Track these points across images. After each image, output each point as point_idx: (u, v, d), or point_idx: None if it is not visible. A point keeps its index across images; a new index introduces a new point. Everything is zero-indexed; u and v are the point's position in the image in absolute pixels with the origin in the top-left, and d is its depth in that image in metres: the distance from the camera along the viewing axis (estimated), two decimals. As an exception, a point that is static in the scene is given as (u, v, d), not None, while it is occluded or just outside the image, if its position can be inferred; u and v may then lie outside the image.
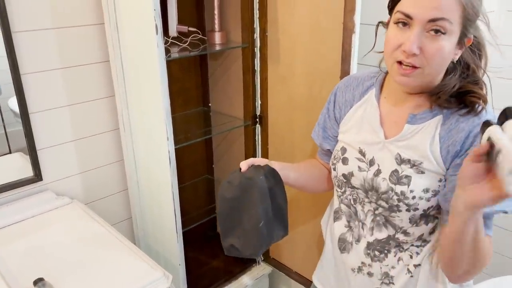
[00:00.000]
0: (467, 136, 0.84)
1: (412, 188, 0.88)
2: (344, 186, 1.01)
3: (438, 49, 0.79)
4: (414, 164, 0.89)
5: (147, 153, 1.49)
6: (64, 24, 1.38)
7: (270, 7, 1.55)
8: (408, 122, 0.89)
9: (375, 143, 0.95)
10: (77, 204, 1.46)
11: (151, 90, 1.32)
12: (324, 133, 1.10)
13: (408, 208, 0.90)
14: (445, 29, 0.78)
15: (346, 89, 1.04)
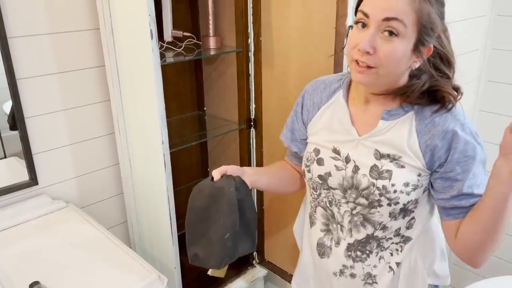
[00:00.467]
0: (445, 131, 0.87)
1: (393, 182, 0.90)
2: (320, 188, 1.02)
3: (391, 51, 0.82)
4: (394, 158, 0.91)
5: (143, 157, 1.50)
6: (59, 29, 1.39)
7: (264, 12, 1.57)
8: (382, 118, 0.92)
9: (348, 141, 0.96)
10: (72, 208, 1.46)
11: (146, 94, 1.33)
12: (292, 136, 1.12)
13: (389, 203, 0.92)
14: (398, 31, 0.81)
15: (314, 92, 1.06)
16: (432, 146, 0.89)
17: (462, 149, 0.87)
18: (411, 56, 0.85)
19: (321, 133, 1.02)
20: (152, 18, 1.21)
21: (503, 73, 1.82)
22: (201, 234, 0.99)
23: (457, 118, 0.89)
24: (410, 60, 0.85)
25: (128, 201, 1.65)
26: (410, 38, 0.82)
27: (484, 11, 1.75)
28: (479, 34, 1.79)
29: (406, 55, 0.84)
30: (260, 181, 1.06)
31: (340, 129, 0.98)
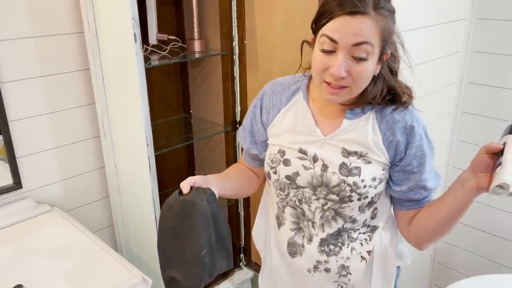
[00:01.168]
0: (404, 126, 0.94)
1: (363, 177, 0.95)
2: (288, 188, 1.02)
3: (364, 70, 0.86)
4: (361, 155, 0.95)
5: (128, 159, 1.50)
6: (43, 33, 1.39)
7: (248, 16, 1.59)
8: (346, 117, 0.96)
9: (314, 141, 0.98)
10: (57, 212, 1.46)
11: (131, 97, 1.34)
12: (252, 138, 1.11)
13: (359, 197, 0.96)
14: (368, 53, 0.84)
15: (273, 94, 1.06)
16: (395, 141, 0.94)
17: (418, 144, 0.94)
18: (377, 66, 0.90)
19: (285, 134, 1.02)
20: (136, 21, 1.22)
21: (484, 75, 1.86)
22: (175, 255, 0.92)
23: (413, 115, 0.95)
24: (375, 70, 0.90)
25: (114, 204, 1.65)
26: (376, 54, 0.86)
27: (464, 15, 1.79)
28: (460, 37, 1.83)
29: (374, 68, 0.88)
30: (225, 188, 1.04)
31: (304, 130, 1.00)
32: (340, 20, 0.83)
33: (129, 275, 1.14)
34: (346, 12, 0.82)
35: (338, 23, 0.83)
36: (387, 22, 0.85)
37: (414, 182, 0.96)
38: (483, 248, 1.98)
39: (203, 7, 1.72)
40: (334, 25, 0.84)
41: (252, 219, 1.91)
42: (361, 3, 0.82)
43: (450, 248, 2.06)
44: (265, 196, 1.19)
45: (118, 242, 1.72)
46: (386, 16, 0.85)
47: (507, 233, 1.92)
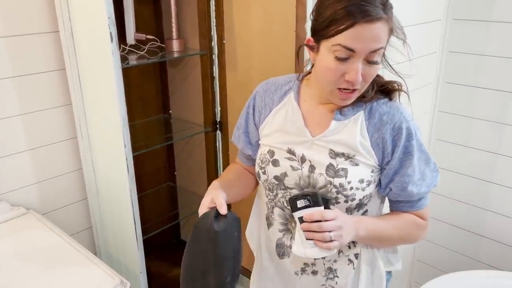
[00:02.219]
0: (392, 128, 0.92)
1: (349, 179, 0.93)
2: (276, 189, 1.02)
3: (375, 72, 0.88)
4: (349, 157, 0.94)
5: (106, 161, 1.48)
6: (16, 32, 1.36)
7: (227, 15, 1.58)
8: (334, 119, 0.95)
9: (302, 142, 0.98)
10: (33, 215, 1.43)
11: (108, 97, 1.32)
12: (246, 138, 1.11)
13: (346, 199, 0.94)
14: (380, 56, 0.86)
15: (265, 93, 1.06)
16: (382, 144, 0.93)
17: (403, 145, 0.93)
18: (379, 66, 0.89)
19: (274, 134, 1.02)
20: (112, 20, 1.20)
21: (460, 75, 1.89)
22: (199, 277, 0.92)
23: (402, 115, 0.93)
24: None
25: (92, 206, 1.63)
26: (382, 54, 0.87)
27: (440, 15, 1.82)
28: (436, 38, 1.86)
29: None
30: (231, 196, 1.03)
31: (293, 131, 0.99)
32: (358, 29, 0.80)
33: (107, 278, 1.13)
34: (364, 21, 0.80)
35: (356, 33, 0.81)
36: (394, 21, 0.86)
37: (394, 184, 0.95)
38: (461, 245, 2.02)
39: (182, 6, 1.70)
40: (352, 34, 0.81)
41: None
42: (374, 8, 0.80)
43: (429, 245, 2.09)
44: (257, 196, 1.18)
45: (96, 245, 1.70)
46: (392, 15, 0.85)
47: (484, 230, 1.95)
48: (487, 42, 1.80)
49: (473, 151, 1.95)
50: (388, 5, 0.84)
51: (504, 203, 1.90)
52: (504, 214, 1.90)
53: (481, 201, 1.95)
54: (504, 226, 1.91)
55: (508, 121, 1.81)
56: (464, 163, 1.98)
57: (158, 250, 2.09)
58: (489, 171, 1.92)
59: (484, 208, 1.94)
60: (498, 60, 1.79)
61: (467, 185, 1.98)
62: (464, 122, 1.93)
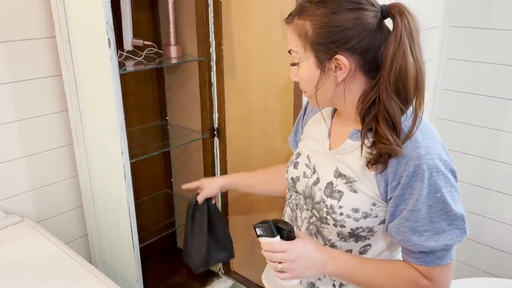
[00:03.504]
0: (398, 162, 0.81)
1: (341, 204, 0.88)
2: (291, 190, 1.04)
3: (300, 75, 0.88)
4: (349, 181, 0.88)
5: (102, 168, 1.46)
6: (12, 38, 1.34)
7: (225, 22, 1.58)
8: (350, 137, 0.90)
9: (320, 152, 0.97)
10: (28, 223, 1.41)
11: (105, 104, 1.30)
12: (294, 137, 1.16)
13: (334, 223, 0.89)
14: (297, 59, 0.87)
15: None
16: (386, 177, 0.83)
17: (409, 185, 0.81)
18: (318, 72, 0.84)
19: (306, 139, 1.04)
20: (110, 26, 1.19)
21: (458, 82, 1.90)
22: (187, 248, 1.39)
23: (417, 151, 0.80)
24: (320, 76, 0.84)
25: (88, 214, 1.60)
26: (308, 58, 0.84)
27: (437, 22, 1.82)
28: (434, 44, 1.87)
29: (312, 74, 0.85)
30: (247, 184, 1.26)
31: (318, 139, 0.99)
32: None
33: (103, 287, 1.11)
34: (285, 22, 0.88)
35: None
36: (312, 26, 0.81)
37: (394, 226, 0.84)
38: (459, 252, 2.01)
39: (180, 12, 1.69)
40: None
41: (232, 228, 1.89)
42: (291, 12, 0.87)
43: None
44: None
45: (92, 253, 1.67)
46: (310, 20, 0.81)
47: (482, 238, 1.95)
48: (485, 49, 1.80)
49: (471, 158, 1.95)
50: (304, 8, 0.83)
51: (503, 210, 1.89)
52: (503, 221, 1.90)
53: (479, 208, 1.94)
54: (503, 233, 1.90)
55: (506, 128, 1.81)
56: (462, 170, 1.98)
57: (154, 257, 2.06)
58: (487, 179, 1.92)
59: (482, 215, 1.94)
60: (495, 67, 1.79)
61: (465, 192, 1.98)
62: (462, 129, 1.93)
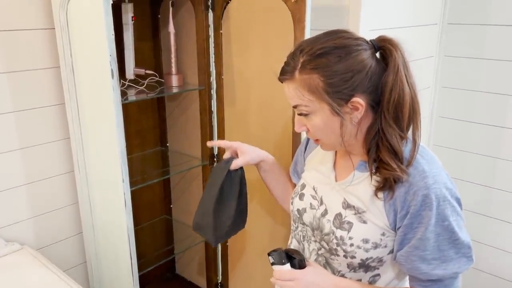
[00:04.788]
0: (406, 192, 0.83)
1: (351, 235, 0.89)
2: (297, 222, 1.04)
3: (313, 126, 0.89)
4: (358, 212, 0.89)
5: (103, 195, 1.47)
6: (18, 68, 1.37)
7: (225, 52, 1.62)
8: (357, 169, 0.92)
9: (326, 184, 0.98)
10: (27, 250, 1.41)
11: (107, 132, 1.32)
12: (294, 167, 1.17)
13: (345, 255, 0.90)
14: (307, 111, 0.87)
15: None
16: (394, 207, 0.86)
17: (417, 214, 0.83)
18: (335, 118, 0.85)
19: (311, 170, 1.05)
20: (113, 58, 1.22)
21: (456, 79, 1.91)
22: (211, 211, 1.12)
23: (425, 181, 0.83)
24: (337, 122, 0.85)
25: (87, 241, 1.60)
26: (321, 108, 0.84)
27: (436, 20, 1.86)
28: (433, 42, 1.90)
29: (329, 122, 0.85)
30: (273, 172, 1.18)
31: (323, 171, 1.00)
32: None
33: (102, 317, 1.10)
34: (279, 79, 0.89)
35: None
36: (320, 78, 0.82)
37: (403, 255, 0.86)
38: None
39: (181, 42, 1.74)
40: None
41: (230, 253, 1.88)
42: (285, 69, 0.87)
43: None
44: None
45: (90, 281, 1.66)
46: (317, 72, 0.82)
47: (481, 265, 1.94)
48: (479, 77, 1.84)
49: (468, 185, 1.96)
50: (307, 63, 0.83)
51: (500, 237, 1.90)
52: (500, 247, 1.90)
53: (476, 234, 1.95)
54: (500, 260, 1.90)
55: (502, 156, 1.83)
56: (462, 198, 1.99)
57: (153, 284, 2.05)
58: (484, 205, 1.93)
59: (480, 242, 1.94)
60: (489, 95, 1.83)
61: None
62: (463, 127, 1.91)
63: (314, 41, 0.86)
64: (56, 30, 1.37)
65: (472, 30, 1.82)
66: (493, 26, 1.77)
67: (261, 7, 1.46)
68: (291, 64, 0.86)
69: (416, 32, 1.77)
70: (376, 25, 1.54)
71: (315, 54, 0.83)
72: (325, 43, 0.84)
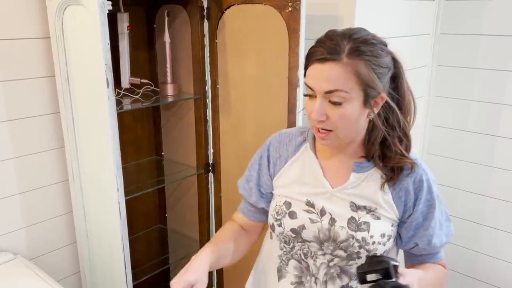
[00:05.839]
0: (414, 181, 0.93)
1: (372, 233, 0.92)
2: (293, 242, 0.99)
3: (341, 116, 0.85)
4: (370, 210, 0.93)
5: (97, 204, 1.47)
6: (13, 77, 1.37)
7: (221, 61, 1.63)
8: (354, 171, 0.94)
9: (321, 193, 0.96)
10: (20, 260, 1.40)
11: (102, 141, 1.32)
12: (259, 191, 1.07)
13: (367, 254, 0.92)
14: (343, 98, 0.83)
15: (280, 145, 1.04)
16: (405, 197, 0.93)
17: (425, 199, 0.93)
18: (364, 110, 0.87)
19: (291, 186, 1.00)
20: (109, 67, 1.23)
21: (449, 89, 1.93)
22: None
23: (422, 168, 0.93)
24: (364, 114, 0.87)
25: (81, 250, 1.59)
26: (357, 97, 0.84)
27: (429, 30, 1.89)
28: (426, 51, 1.92)
29: (357, 112, 0.86)
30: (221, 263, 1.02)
31: (312, 182, 0.97)
32: (313, 67, 0.85)
33: (96, 328, 1.09)
34: (317, 60, 0.84)
35: (312, 70, 0.85)
36: (363, 64, 0.83)
37: (419, 238, 0.95)
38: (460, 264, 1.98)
39: (176, 51, 1.75)
40: (309, 72, 0.86)
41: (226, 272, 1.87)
42: (332, 50, 0.82)
43: None
44: (266, 248, 1.12)
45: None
46: (366, 60, 0.83)
47: (476, 273, 1.95)
48: (472, 86, 1.86)
49: (462, 193, 1.97)
50: (357, 49, 0.83)
51: (495, 245, 1.90)
52: (495, 256, 1.91)
53: (471, 243, 1.95)
54: (495, 268, 1.91)
55: (495, 164, 1.85)
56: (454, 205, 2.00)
57: (147, 294, 2.03)
58: (479, 214, 1.94)
59: (475, 250, 1.95)
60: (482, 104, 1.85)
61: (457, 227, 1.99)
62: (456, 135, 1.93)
63: (356, 30, 0.86)
64: (51, 39, 1.37)
65: (464, 40, 1.85)
66: (485, 36, 1.79)
67: (256, 17, 1.48)
68: (340, 45, 0.83)
69: (410, 42, 1.79)
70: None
71: (364, 42, 0.84)
72: (367, 35, 0.86)
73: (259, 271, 1.14)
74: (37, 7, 1.37)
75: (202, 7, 1.60)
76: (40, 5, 1.37)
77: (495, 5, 1.74)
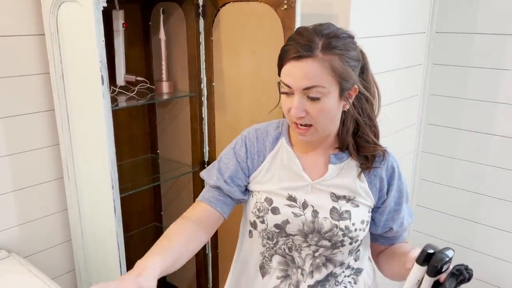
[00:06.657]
0: (386, 169, 0.99)
1: (353, 221, 0.96)
2: (276, 237, 0.99)
3: (320, 110, 0.88)
4: (350, 199, 0.97)
5: (92, 202, 1.46)
6: (6, 74, 1.36)
7: (216, 59, 1.63)
8: (331, 162, 0.98)
9: (302, 186, 0.98)
10: (15, 258, 1.39)
11: (97, 139, 1.32)
12: (234, 182, 1.02)
13: (351, 241, 0.96)
14: (321, 93, 0.86)
15: (257, 140, 1.04)
16: (379, 184, 0.99)
17: (397, 185, 1.00)
18: (340, 103, 0.91)
19: (271, 181, 1.00)
20: (104, 64, 1.22)
21: (444, 87, 1.94)
22: None
23: (392, 155, 1.00)
24: (340, 106, 0.92)
25: (76, 248, 1.59)
26: (334, 91, 0.88)
27: (424, 28, 1.90)
28: (421, 50, 1.93)
29: (335, 106, 0.90)
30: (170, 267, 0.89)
31: (291, 176, 0.99)
32: (289, 65, 0.87)
33: (91, 326, 1.09)
34: (292, 57, 0.86)
35: (288, 68, 0.88)
36: (338, 59, 0.86)
37: (393, 222, 1.01)
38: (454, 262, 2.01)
39: (172, 49, 1.74)
40: (285, 70, 0.88)
41: (221, 261, 1.88)
42: (306, 47, 0.85)
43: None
44: (244, 248, 1.10)
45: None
46: (339, 54, 0.86)
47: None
48: (467, 85, 1.87)
49: (456, 190, 1.98)
50: (330, 44, 0.86)
51: (489, 243, 1.92)
52: (489, 254, 1.92)
53: (465, 241, 1.96)
54: (489, 266, 1.92)
55: (489, 162, 1.86)
56: (448, 202, 2.01)
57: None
58: (473, 211, 1.95)
59: (469, 248, 1.96)
60: (476, 103, 1.85)
61: (451, 224, 2.00)
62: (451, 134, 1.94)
63: (326, 26, 0.89)
64: (46, 36, 1.37)
65: (459, 38, 1.86)
66: (480, 34, 1.80)
67: (251, 15, 1.48)
68: (314, 42, 0.85)
69: (405, 40, 1.80)
70: (365, 33, 1.57)
71: (336, 37, 0.87)
72: (337, 30, 0.89)
73: (237, 273, 1.13)
74: (32, 4, 1.37)
75: (198, 4, 1.60)
76: (34, 2, 1.37)
77: (490, 4, 1.75)
